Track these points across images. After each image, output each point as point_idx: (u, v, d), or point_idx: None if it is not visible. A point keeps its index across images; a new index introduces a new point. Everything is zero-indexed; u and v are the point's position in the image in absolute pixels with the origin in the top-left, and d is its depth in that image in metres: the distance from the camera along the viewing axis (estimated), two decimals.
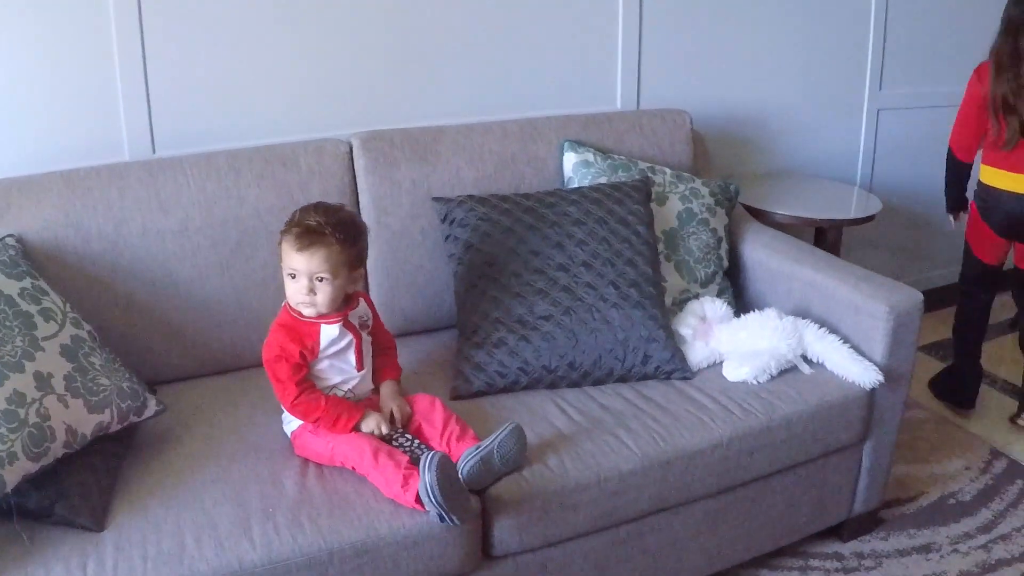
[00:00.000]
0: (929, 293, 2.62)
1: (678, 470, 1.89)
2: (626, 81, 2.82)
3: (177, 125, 2.25)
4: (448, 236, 2.19)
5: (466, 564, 1.71)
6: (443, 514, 1.58)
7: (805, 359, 2.15)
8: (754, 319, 2.19)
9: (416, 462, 1.64)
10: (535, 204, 2.20)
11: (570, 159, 2.40)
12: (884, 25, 3.23)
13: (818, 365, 2.14)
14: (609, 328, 2.08)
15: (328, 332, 1.77)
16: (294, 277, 1.73)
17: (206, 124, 2.28)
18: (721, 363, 2.15)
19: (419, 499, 1.59)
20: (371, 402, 1.84)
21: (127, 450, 1.76)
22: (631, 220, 2.21)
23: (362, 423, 1.75)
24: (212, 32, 2.24)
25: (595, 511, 1.82)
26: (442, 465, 1.57)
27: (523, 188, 2.35)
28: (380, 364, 1.91)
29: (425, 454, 1.60)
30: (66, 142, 2.14)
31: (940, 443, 2.77)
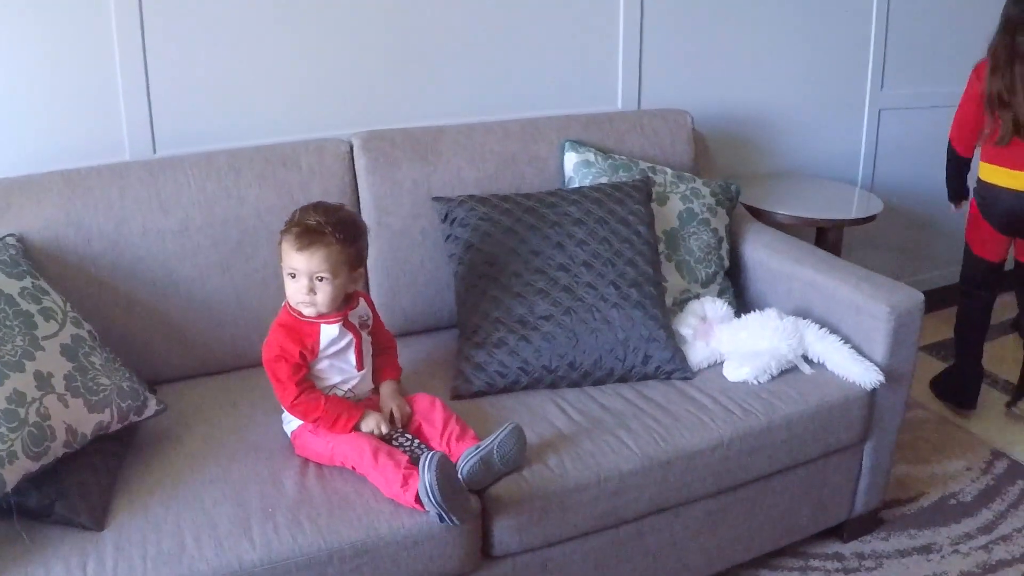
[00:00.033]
0: (930, 293, 2.63)
1: (678, 470, 1.88)
2: (627, 81, 2.82)
3: (178, 125, 2.25)
4: (449, 236, 2.19)
5: (466, 564, 1.71)
6: (443, 514, 1.58)
7: (806, 359, 2.15)
8: (755, 319, 2.19)
9: (416, 462, 1.64)
10: (536, 204, 2.20)
11: (571, 159, 2.40)
12: (886, 25, 3.23)
13: (819, 365, 2.14)
14: (610, 328, 2.08)
15: (328, 332, 1.77)
16: (294, 277, 1.73)
17: (207, 124, 2.28)
18: (722, 363, 2.15)
19: (419, 499, 1.59)
20: (371, 402, 1.84)
21: (127, 450, 1.77)
22: (632, 220, 2.21)
23: (362, 423, 1.75)
24: (213, 32, 2.24)
25: (595, 511, 1.82)
26: (441, 465, 1.57)
27: (524, 188, 2.34)
28: (380, 364, 1.91)
29: (425, 454, 1.60)
30: (67, 142, 2.14)
31: (941, 443, 2.77)
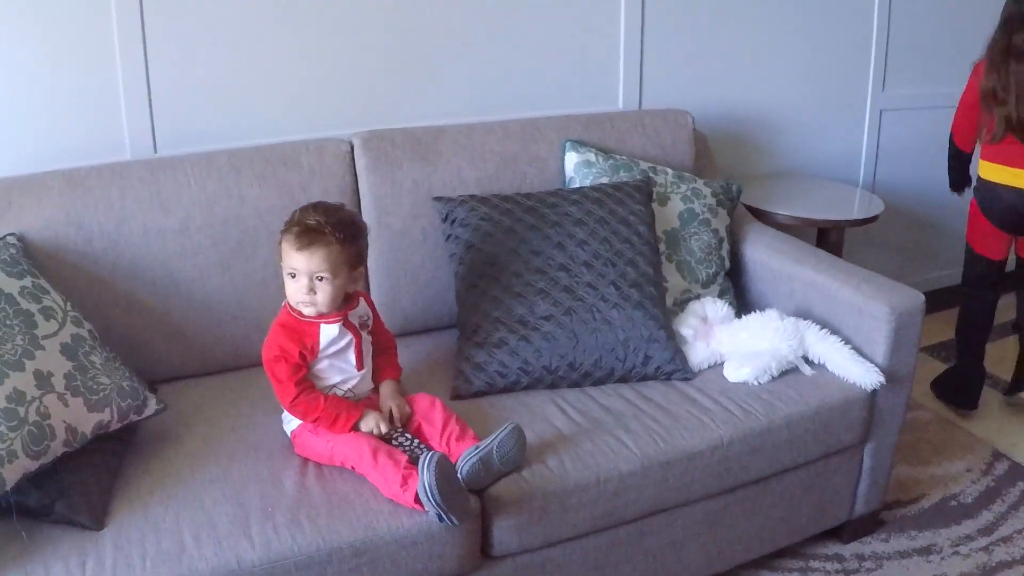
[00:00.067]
0: (931, 294, 2.62)
1: (678, 471, 1.88)
2: (628, 81, 2.82)
3: (178, 124, 2.25)
4: (449, 236, 2.19)
5: (465, 564, 1.71)
6: (442, 514, 1.58)
7: (806, 360, 2.15)
8: (755, 320, 2.19)
9: (415, 462, 1.64)
10: (536, 204, 2.20)
11: (572, 159, 2.40)
12: (887, 25, 3.22)
13: (819, 366, 2.14)
14: (610, 328, 2.07)
15: (328, 332, 1.77)
16: (294, 276, 1.73)
17: (207, 123, 2.28)
18: (722, 364, 2.15)
19: (418, 499, 1.59)
20: (371, 402, 1.84)
21: (127, 449, 1.77)
22: (632, 220, 2.20)
23: (361, 422, 1.75)
24: (213, 32, 2.25)
25: (595, 511, 1.81)
26: (441, 465, 1.57)
27: (524, 188, 2.34)
28: (380, 364, 1.91)
29: (424, 454, 1.60)
30: (67, 141, 2.14)
31: (942, 445, 2.76)
